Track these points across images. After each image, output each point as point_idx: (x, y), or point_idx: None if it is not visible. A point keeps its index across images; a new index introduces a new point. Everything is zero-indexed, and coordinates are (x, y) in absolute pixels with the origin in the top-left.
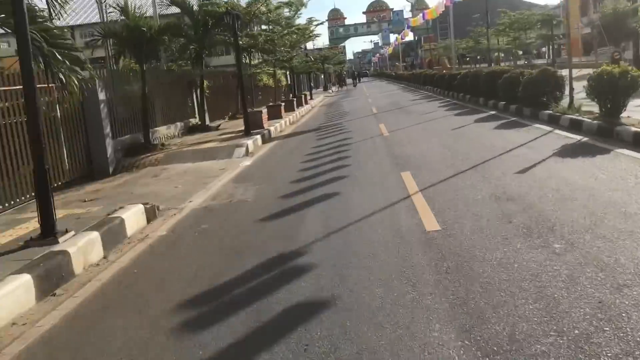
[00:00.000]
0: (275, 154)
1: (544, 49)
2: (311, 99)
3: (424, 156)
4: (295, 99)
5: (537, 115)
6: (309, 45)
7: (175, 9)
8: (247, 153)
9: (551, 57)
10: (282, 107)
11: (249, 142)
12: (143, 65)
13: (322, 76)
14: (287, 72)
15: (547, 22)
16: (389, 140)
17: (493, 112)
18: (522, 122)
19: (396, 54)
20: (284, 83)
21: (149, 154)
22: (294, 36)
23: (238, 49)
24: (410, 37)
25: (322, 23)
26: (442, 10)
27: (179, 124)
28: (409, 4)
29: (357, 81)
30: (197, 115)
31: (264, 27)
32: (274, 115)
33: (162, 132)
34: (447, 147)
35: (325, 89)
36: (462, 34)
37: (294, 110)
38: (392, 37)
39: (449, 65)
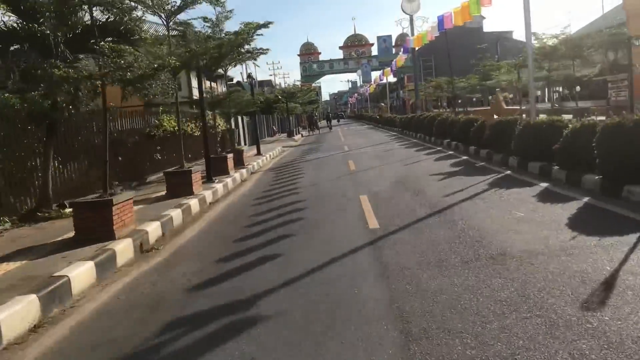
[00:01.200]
0: None
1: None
2: (257, 154)
3: None
4: (209, 163)
5: None
6: (280, 82)
7: None
8: None
9: (629, 98)
10: (128, 205)
11: None
12: None
13: (291, 118)
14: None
15: (617, 44)
16: None
17: None
18: None
19: (379, 94)
20: (221, 127)
21: None
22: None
23: None
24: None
25: (267, 25)
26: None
27: None
28: (396, 29)
29: (337, 122)
30: None
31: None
32: (100, 229)
33: None
34: None
35: (290, 135)
36: (453, 72)
37: (191, 193)
38: (374, 75)
39: (506, 107)
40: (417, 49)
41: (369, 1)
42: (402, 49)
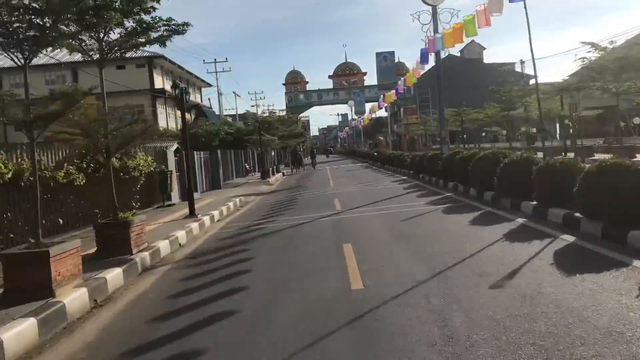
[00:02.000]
0: None
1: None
2: (190, 216)
3: None
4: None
5: None
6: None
7: None
8: None
9: None
10: None
11: None
12: None
13: (273, 153)
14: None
15: None
16: None
17: None
18: None
19: (372, 128)
20: (144, 169)
21: None
22: None
23: None
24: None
25: None
26: None
27: None
28: (400, 43)
29: (326, 157)
30: None
31: None
32: None
33: None
34: None
35: (265, 175)
36: (454, 104)
37: None
38: (368, 106)
39: None
40: (444, 55)
41: (361, 30)
42: (419, 55)
